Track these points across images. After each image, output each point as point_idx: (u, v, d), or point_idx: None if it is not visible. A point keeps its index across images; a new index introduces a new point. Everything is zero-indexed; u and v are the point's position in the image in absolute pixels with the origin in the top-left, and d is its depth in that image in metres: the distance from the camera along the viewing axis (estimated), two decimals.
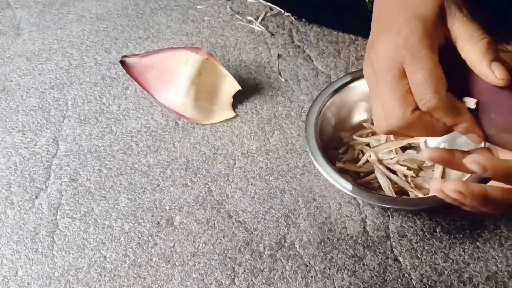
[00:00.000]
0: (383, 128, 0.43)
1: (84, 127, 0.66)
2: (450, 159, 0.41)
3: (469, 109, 0.40)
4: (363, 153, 0.59)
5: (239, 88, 0.65)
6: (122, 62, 0.67)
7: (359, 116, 0.62)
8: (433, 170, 0.57)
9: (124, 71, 0.68)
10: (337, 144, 0.60)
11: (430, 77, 0.39)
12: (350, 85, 0.60)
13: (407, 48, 0.40)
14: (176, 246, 0.55)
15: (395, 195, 0.55)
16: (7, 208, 0.59)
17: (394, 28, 0.41)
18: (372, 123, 0.61)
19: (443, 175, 0.55)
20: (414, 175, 0.56)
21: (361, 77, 0.58)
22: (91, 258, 0.55)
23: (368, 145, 0.60)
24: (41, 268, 0.54)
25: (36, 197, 0.60)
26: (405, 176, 0.57)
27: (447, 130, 0.42)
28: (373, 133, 0.61)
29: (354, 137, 0.60)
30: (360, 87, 0.60)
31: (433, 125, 0.41)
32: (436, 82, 0.39)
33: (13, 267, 0.54)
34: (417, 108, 0.40)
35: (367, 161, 0.58)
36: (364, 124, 0.61)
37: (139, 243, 0.55)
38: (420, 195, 0.54)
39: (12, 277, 0.54)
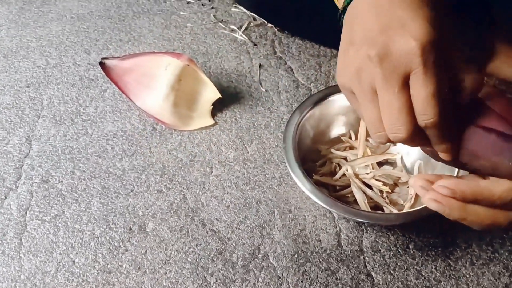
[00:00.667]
0: (383, 139, 0.40)
1: (59, 127, 0.65)
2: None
3: None
4: (340, 167, 0.59)
5: (219, 96, 0.65)
6: (102, 64, 0.66)
7: (337, 129, 0.62)
8: (408, 187, 0.57)
9: (103, 73, 0.67)
10: (315, 156, 0.61)
11: (438, 94, 0.36)
12: (330, 98, 0.60)
13: (423, 56, 0.35)
14: (147, 253, 0.54)
15: (370, 210, 0.55)
16: None
17: (405, 26, 0.36)
18: (350, 137, 0.61)
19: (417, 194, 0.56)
20: (390, 190, 0.57)
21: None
22: (59, 262, 0.53)
23: (345, 159, 0.60)
24: (6, 270, 0.53)
25: (5, 197, 0.58)
26: (381, 192, 0.57)
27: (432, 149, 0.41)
28: (351, 147, 0.61)
29: (332, 150, 0.60)
30: (339, 101, 0.60)
31: (424, 140, 0.40)
32: (443, 100, 0.36)
33: None
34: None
35: (344, 174, 0.58)
36: (342, 138, 0.61)
37: (109, 248, 0.54)
38: (395, 211, 0.55)
39: None
